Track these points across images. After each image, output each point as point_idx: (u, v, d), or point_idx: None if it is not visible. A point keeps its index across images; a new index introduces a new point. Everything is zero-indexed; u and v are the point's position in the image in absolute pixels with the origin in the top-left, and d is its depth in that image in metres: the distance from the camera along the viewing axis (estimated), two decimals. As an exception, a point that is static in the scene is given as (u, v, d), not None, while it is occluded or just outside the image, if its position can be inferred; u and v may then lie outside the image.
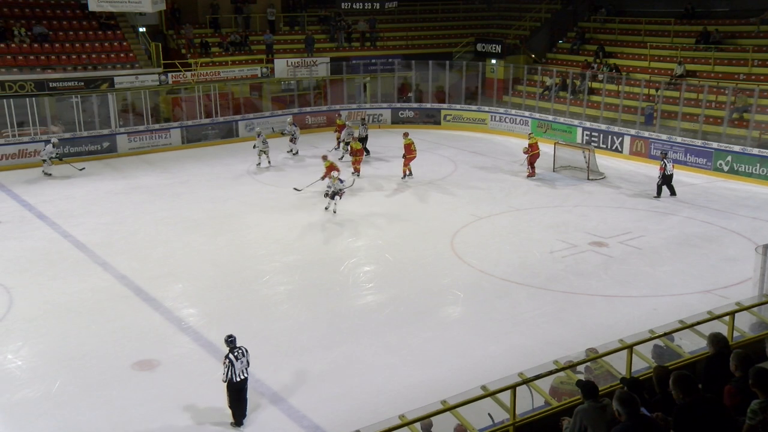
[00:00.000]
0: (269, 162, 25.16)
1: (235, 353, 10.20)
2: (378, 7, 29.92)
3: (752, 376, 5.97)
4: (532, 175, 23.31)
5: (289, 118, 28.16)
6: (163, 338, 13.04)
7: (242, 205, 20.96)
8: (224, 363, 10.18)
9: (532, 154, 23.27)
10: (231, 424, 10.40)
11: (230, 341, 10.27)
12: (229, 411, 10.40)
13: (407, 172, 23.31)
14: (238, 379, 10.19)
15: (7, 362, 12.31)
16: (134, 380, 11.63)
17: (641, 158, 25.38)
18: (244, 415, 10.44)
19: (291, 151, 26.94)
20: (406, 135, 23.69)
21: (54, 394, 11.27)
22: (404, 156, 23.27)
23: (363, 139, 25.80)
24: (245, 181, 23.47)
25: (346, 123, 27.37)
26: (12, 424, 10.57)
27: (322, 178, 20.75)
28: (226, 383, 10.19)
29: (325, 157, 21.73)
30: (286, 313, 14.08)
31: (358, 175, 22.92)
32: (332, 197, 19.68)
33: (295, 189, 21.21)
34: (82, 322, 13.60)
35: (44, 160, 23.93)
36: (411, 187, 22.47)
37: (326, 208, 19.86)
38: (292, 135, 26.81)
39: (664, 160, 20.95)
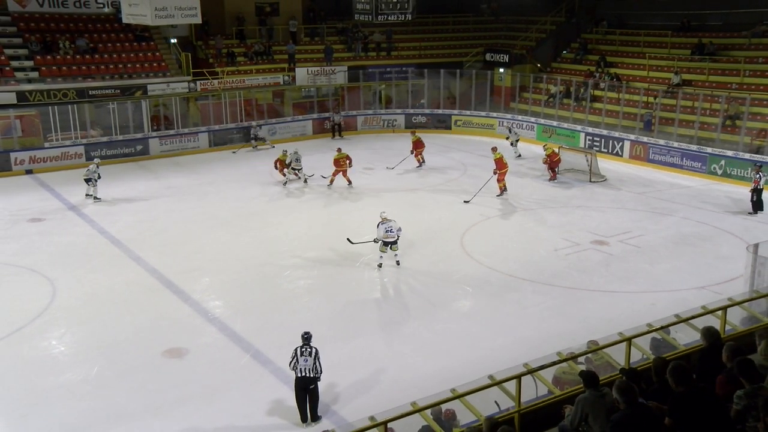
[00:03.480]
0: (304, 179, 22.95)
1: (302, 349, 10.04)
2: (384, 19, 29.79)
3: (737, 366, 5.98)
4: (553, 178, 23.07)
5: (292, 149, 23.72)
6: (191, 328, 13.13)
7: (265, 204, 21.04)
8: (292, 354, 10.15)
9: (553, 161, 23.11)
10: (301, 419, 10.13)
11: (304, 337, 10.21)
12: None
13: (503, 188, 21.08)
14: (299, 375, 10.01)
15: (52, 348, 12.50)
16: (165, 367, 11.73)
17: (640, 162, 25.23)
18: (308, 416, 10.14)
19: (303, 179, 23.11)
20: (495, 149, 21.51)
21: (93, 378, 11.41)
22: (495, 171, 21.00)
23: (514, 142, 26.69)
24: (268, 182, 23.53)
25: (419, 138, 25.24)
26: (57, 404, 10.71)
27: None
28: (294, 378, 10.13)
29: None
30: (306, 306, 14.12)
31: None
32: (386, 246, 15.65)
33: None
34: (117, 312, 13.73)
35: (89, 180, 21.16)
36: (423, 189, 22.44)
37: (380, 266, 15.70)
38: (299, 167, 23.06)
39: (759, 173, 19.16)
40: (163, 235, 18.36)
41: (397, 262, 15.77)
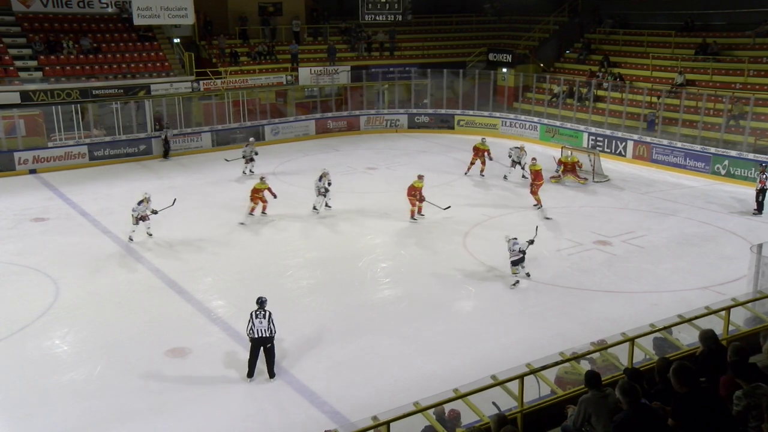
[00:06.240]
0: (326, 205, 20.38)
1: (257, 313, 11.11)
2: (400, 19, 29.74)
3: (731, 368, 5.97)
4: (557, 180, 22.83)
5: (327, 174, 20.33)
6: (194, 328, 13.14)
7: (268, 203, 21.00)
8: (248, 319, 11.19)
9: (566, 168, 22.81)
10: (247, 374, 11.21)
11: (259, 302, 11.25)
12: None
13: (538, 202, 19.98)
14: (255, 336, 11.05)
15: (55, 347, 12.52)
16: (168, 366, 11.74)
17: (644, 162, 25.20)
18: (258, 372, 11.24)
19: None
20: (534, 160, 20.50)
21: (96, 377, 11.43)
22: (531, 181, 20.02)
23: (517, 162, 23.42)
24: (271, 182, 23.48)
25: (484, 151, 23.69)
26: (60, 404, 10.73)
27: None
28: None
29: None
30: (309, 306, 14.12)
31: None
32: (516, 264, 14.77)
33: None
34: (120, 312, 13.74)
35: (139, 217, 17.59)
36: (426, 189, 22.32)
37: (516, 284, 14.84)
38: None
39: (765, 174, 19.05)
40: (165, 234, 18.35)
41: (527, 275, 15.03)
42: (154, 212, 17.60)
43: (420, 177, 19.43)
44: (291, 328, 12.78)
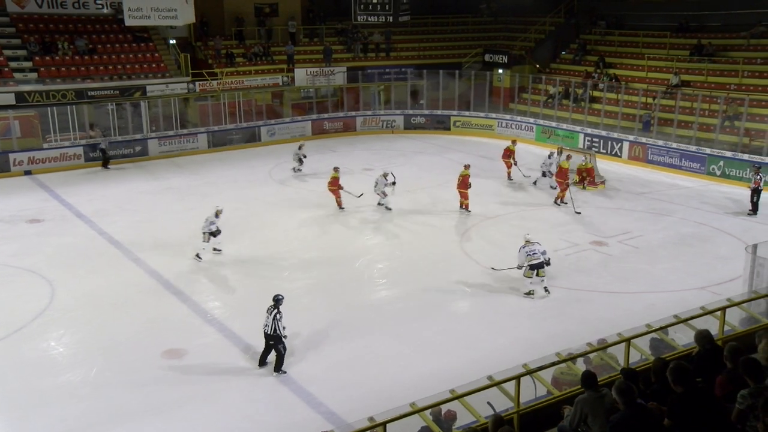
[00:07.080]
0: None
1: (268, 308, 11.42)
2: (391, 20, 29.77)
3: (741, 365, 5.99)
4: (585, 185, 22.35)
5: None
6: (190, 329, 13.13)
7: (265, 204, 21.02)
8: None
9: (591, 175, 22.42)
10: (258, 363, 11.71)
11: (273, 299, 11.50)
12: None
13: (562, 199, 20.30)
14: (265, 331, 11.38)
15: (51, 349, 12.49)
16: (164, 367, 11.73)
17: (639, 163, 25.26)
18: (273, 363, 11.56)
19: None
20: (569, 158, 20.35)
21: (92, 378, 11.42)
22: (557, 179, 20.37)
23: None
24: (267, 183, 23.54)
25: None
26: (56, 405, 10.71)
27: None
28: None
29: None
30: (306, 307, 14.09)
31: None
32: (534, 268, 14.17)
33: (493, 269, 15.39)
34: (116, 314, 13.72)
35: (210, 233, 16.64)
36: (422, 190, 22.40)
37: (531, 293, 14.35)
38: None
39: (759, 174, 19.03)
40: (161, 235, 18.32)
41: (546, 289, 14.34)
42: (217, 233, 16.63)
43: (467, 166, 19.78)
44: (288, 328, 12.74)
